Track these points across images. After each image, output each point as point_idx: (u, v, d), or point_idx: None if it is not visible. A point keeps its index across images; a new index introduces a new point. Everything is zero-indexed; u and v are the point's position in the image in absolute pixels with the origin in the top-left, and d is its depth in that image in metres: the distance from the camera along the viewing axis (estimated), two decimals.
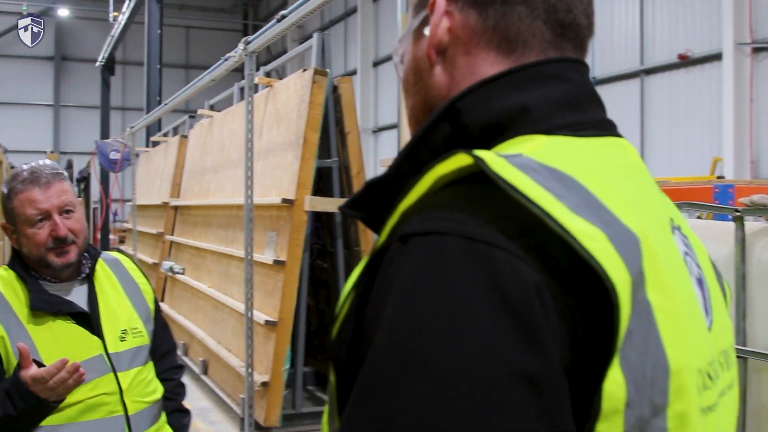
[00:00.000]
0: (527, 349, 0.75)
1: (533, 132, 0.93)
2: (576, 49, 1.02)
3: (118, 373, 2.50)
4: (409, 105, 1.10)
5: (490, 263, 0.78)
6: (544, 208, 0.80)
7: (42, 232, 2.47)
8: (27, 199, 2.47)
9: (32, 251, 2.49)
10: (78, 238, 2.52)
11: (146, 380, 2.60)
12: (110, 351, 2.51)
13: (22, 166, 2.57)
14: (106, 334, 2.52)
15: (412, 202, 0.89)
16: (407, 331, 0.77)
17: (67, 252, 2.49)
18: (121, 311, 2.61)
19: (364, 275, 0.88)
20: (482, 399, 0.73)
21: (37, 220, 2.47)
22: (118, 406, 2.48)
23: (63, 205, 2.50)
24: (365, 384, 0.79)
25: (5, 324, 2.41)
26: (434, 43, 1.02)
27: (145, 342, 2.63)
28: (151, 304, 2.75)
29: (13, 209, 2.50)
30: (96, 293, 2.58)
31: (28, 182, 2.49)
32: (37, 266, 2.52)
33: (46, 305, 2.46)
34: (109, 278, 2.67)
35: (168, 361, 2.83)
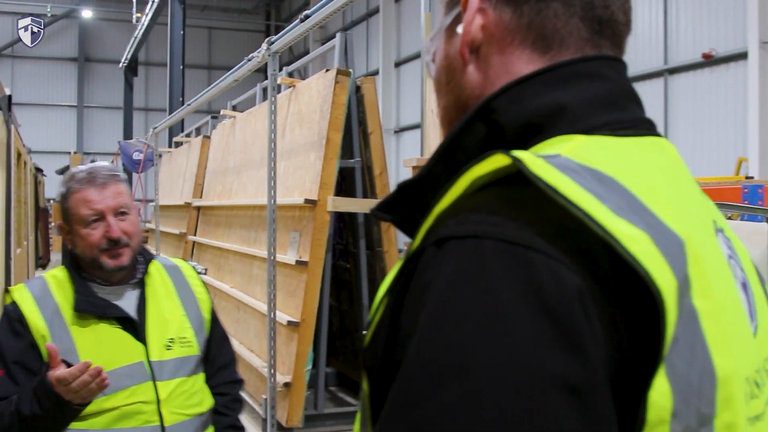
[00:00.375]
0: (569, 357, 0.72)
1: (571, 132, 0.90)
2: (613, 46, 0.99)
3: (158, 382, 2.44)
4: (441, 105, 1.07)
5: (529, 267, 0.75)
6: (585, 210, 0.77)
7: (96, 233, 2.44)
8: (82, 199, 2.45)
9: (85, 252, 2.46)
10: (132, 241, 2.48)
11: (190, 392, 2.52)
12: (152, 359, 2.46)
13: (80, 167, 2.56)
14: (150, 341, 2.48)
15: (448, 204, 0.86)
16: (443, 337, 0.75)
17: (120, 255, 2.46)
18: (172, 319, 2.56)
19: (398, 280, 0.85)
20: (523, 408, 0.70)
21: (91, 220, 2.44)
22: (154, 416, 2.42)
23: (118, 206, 2.47)
24: (400, 393, 0.76)
25: (49, 324, 2.40)
26: (467, 41, 0.99)
27: (193, 353, 2.56)
28: (207, 315, 2.68)
29: (69, 209, 2.48)
30: (146, 299, 2.54)
31: (85, 182, 2.47)
32: (90, 268, 2.49)
33: (92, 308, 2.44)
34: (164, 284, 2.62)
35: (225, 374, 2.75)
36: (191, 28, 26.14)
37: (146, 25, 25.33)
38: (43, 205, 23.84)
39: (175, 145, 17.44)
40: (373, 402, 0.87)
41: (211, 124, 13.51)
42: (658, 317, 0.75)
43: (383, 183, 7.47)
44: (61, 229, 2.54)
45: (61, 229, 2.55)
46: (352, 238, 7.79)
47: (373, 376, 0.87)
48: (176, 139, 17.08)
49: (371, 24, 28.03)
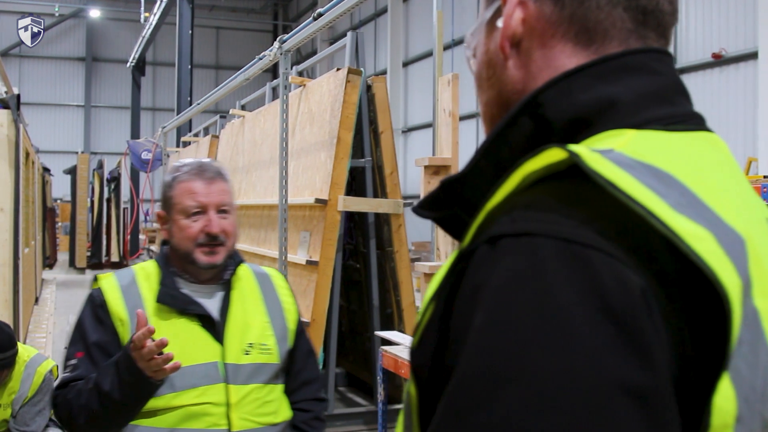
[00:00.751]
0: (634, 361, 0.69)
1: (621, 126, 0.86)
2: (659, 37, 0.96)
3: (231, 385, 2.41)
4: (482, 100, 1.04)
5: (589, 267, 0.72)
6: (647, 206, 0.73)
7: (195, 226, 2.44)
8: (188, 190, 2.46)
9: (181, 244, 2.46)
10: (228, 240, 2.48)
11: (264, 400, 2.48)
12: (228, 361, 2.43)
13: (188, 159, 2.58)
14: (228, 342, 2.45)
15: (499, 201, 0.83)
16: (500, 341, 0.72)
17: (216, 252, 2.45)
18: (255, 324, 2.52)
19: (448, 280, 0.82)
20: (586, 415, 0.67)
21: (192, 212, 2.45)
22: (222, 419, 2.39)
23: (221, 203, 2.47)
24: (454, 399, 0.73)
25: (130, 313, 2.41)
26: (508, 35, 0.96)
27: (272, 361, 2.52)
28: (292, 325, 2.63)
29: (172, 197, 2.49)
30: (231, 300, 2.52)
31: (193, 174, 2.48)
32: (182, 262, 2.49)
33: (173, 301, 2.44)
34: (252, 289, 2.59)
35: (308, 391, 2.69)
36: (199, 28, 26.17)
37: (154, 24, 25.32)
38: (50, 204, 23.93)
39: (183, 144, 17.44)
40: (422, 406, 0.84)
41: (219, 124, 13.50)
42: (724, 319, 0.72)
43: (394, 183, 7.45)
44: (160, 217, 2.55)
45: (159, 217, 2.55)
46: (362, 238, 7.77)
47: (421, 380, 0.84)
48: (184, 138, 17.08)
49: (379, 23, 28.03)
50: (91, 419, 2.34)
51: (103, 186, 25.15)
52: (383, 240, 7.55)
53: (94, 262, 24.63)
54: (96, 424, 2.36)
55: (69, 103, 37.58)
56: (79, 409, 2.33)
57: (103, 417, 2.33)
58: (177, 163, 2.56)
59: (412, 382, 0.86)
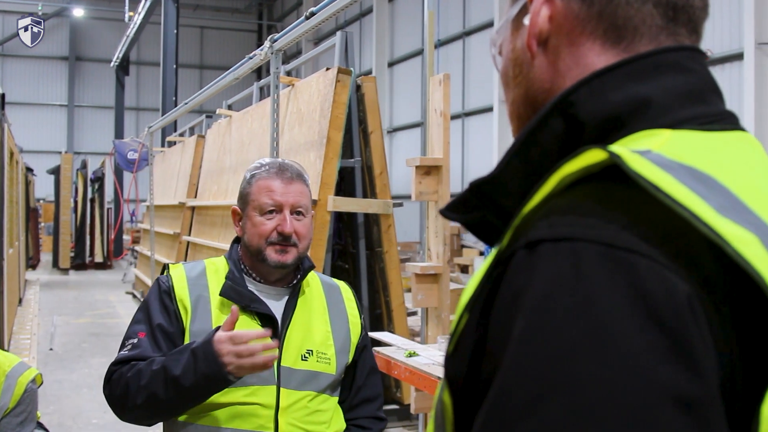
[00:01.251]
0: (682, 368, 0.67)
1: (656, 126, 0.84)
2: (690, 34, 0.94)
3: (282, 388, 2.39)
4: (509, 99, 1.02)
5: (633, 272, 0.70)
6: (692, 209, 0.71)
7: (269, 224, 2.44)
8: (266, 187, 2.46)
9: (253, 241, 2.45)
10: (300, 243, 2.45)
11: (315, 409, 2.44)
12: (283, 364, 2.40)
13: (269, 159, 2.59)
14: (287, 346, 2.42)
15: (536, 204, 0.81)
16: (543, 349, 0.69)
17: (287, 252, 2.43)
18: (317, 332, 2.50)
19: (484, 286, 0.80)
20: (634, 423, 0.65)
21: (268, 210, 2.44)
22: (269, 422, 2.35)
23: (297, 204, 2.47)
24: (495, 410, 0.71)
25: (194, 302, 2.43)
26: (535, 33, 0.94)
27: (329, 371, 2.48)
28: (354, 339, 2.59)
29: (249, 194, 2.49)
30: (296, 304, 2.50)
31: (274, 172, 2.48)
32: (253, 259, 2.48)
33: (237, 296, 2.43)
34: (319, 297, 2.58)
35: (370, 408, 2.63)
36: (183, 28, 26.07)
37: (138, 23, 25.25)
38: (33, 205, 23.79)
39: (168, 144, 17.37)
40: (457, 416, 0.82)
41: (205, 124, 13.45)
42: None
43: (383, 183, 7.43)
44: (234, 213, 2.56)
45: (234, 213, 2.56)
46: (351, 239, 7.74)
47: (456, 388, 0.82)
48: (170, 138, 17.01)
49: (364, 24, 28.02)
50: (149, 401, 2.29)
51: (87, 186, 25.07)
52: (372, 240, 7.53)
53: (78, 263, 24.53)
54: (153, 407, 2.32)
55: (52, 103, 37.39)
56: (139, 389, 2.29)
57: (164, 401, 2.29)
58: (260, 161, 2.57)
59: (446, 390, 0.84)
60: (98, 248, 25.06)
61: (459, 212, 0.93)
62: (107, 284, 20.56)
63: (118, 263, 26.01)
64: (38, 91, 37.11)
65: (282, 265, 2.44)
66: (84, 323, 13.92)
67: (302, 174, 2.53)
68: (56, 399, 8.47)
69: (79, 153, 33.52)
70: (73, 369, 10.00)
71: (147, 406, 2.31)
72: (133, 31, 26.07)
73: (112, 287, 19.75)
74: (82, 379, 9.47)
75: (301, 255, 2.48)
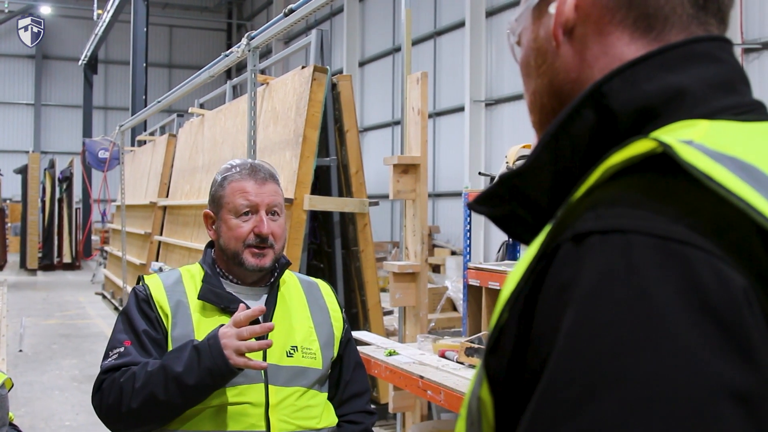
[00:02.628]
0: (739, 363, 0.65)
1: (692, 117, 0.83)
2: (719, 23, 0.92)
3: (270, 386, 2.38)
4: (530, 90, 1.00)
5: (687, 265, 0.68)
6: (748, 200, 0.70)
7: (245, 226, 2.42)
8: (240, 189, 2.44)
9: (230, 244, 2.43)
10: (277, 243, 2.45)
11: (305, 405, 2.44)
12: (269, 361, 2.38)
13: (240, 159, 2.57)
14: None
15: (580, 195, 0.79)
16: (596, 343, 0.68)
17: (264, 255, 2.43)
18: (300, 328, 2.50)
19: (527, 280, 0.78)
20: (690, 421, 0.63)
21: (243, 212, 2.43)
22: (261, 420, 2.34)
23: (273, 204, 2.46)
24: (546, 404, 0.69)
25: (174, 308, 2.41)
26: (561, 21, 0.92)
27: (315, 366, 2.48)
28: (338, 333, 2.60)
29: (223, 197, 2.47)
30: (276, 302, 2.49)
31: (246, 174, 2.47)
32: (229, 263, 2.47)
33: (215, 299, 2.42)
34: (298, 295, 2.58)
35: (359, 403, 2.64)
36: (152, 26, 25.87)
37: (107, 22, 24.99)
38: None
39: (138, 144, 17.23)
40: (499, 412, 0.79)
41: (177, 123, 13.35)
42: None
43: (359, 182, 7.41)
44: (206, 217, 2.53)
45: (206, 217, 2.53)
46: (327, 238, 7.71)
47: (497, 385, 0.80)
48: (140, 137, 16.88)
49: (335, 23, 27.94)
50: (147, 403, 2.26)
51: (55, 186, 24.81)
52: (348, 239, 7.51)
53: (46, 264, 24.29)
54: (150, 410, 2.28)
55: (19, 102, 36.92)
56: (134, 392, 2.26)
57: (163, 402, 2.26)
58: (230, 162, 2.55)
59: (485, 386, 0.81)
60: (66, 249, 24.83)
61: (488, 205, 0.91)
62: (76, 285, 20.38)
63: (87, 264, 25.78)
64: (4, 90, 36.65)
65: (260, 269, 2.44)
66: (53, 324, 13.78)
67: (274, 174, 2.53)
68: (27, 401, 8.37)
69: (47, 152, 33.16)
70: (43, 371, 9.88)
71: (144, 409, 2.27)
72: (101, 30, 25.80)
73: (81, 288, 19.58)
74: (53, 380, 9.36)
75: (278, 256, 2.48)
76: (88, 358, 10.62)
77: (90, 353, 10.92)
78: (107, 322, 13.62)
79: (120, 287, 14.34)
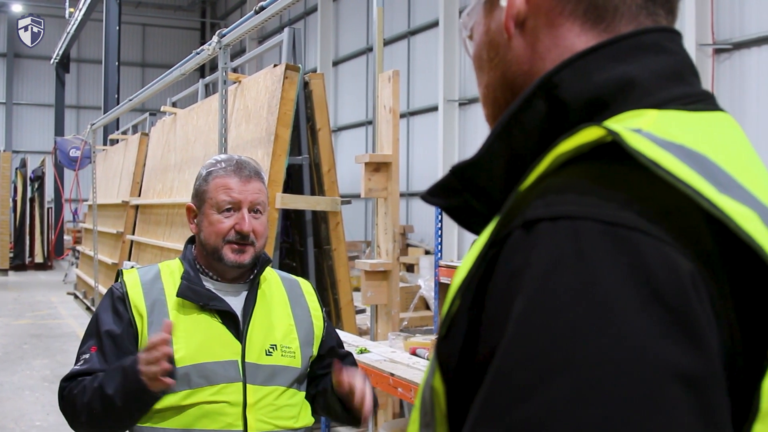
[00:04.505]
0: (687, 347, 0.66)
1: (642, 107, 0.84)
2: (667, 14, 0.93)
3: (248, 384, 2.36)
4: (483, 83, 1.00)
5: (635, 250, 0.69)
6: (695, 186, 0.71)
7: (227, 222, 2.41)
8: (224, 185, 2.43)
9: (210, 239, 2.43)
10: (257, 241, 2.44)
11: (283, 404, 2.43)
12: (248, 360, 2.37)
13: (225, 155, 2.56)
14: (250, 341, 2.40)
15: (530, 183, 0.79)
16: (545, 329, 0.68)
17: (244, 252, 2.42)
18: (280, 326, 2.48)
19: (478, 267, 0.79)
20: (639, 403, 0.64)
21: (226, 208, 2.42)
22: (238, 420, 2.33)
23: (256, 202, 2.45)
24: (496, 390, 0.70)
25: (150, 307, 2.39)
26: (512, 14, 0.93)
27: (294, 365, 2.46)
28: (318, 332, 2.57)
29: (206, 191, 2.45)
30: (256, 300, 2.47)
31: (231, 170, 2.46)
32: (209, 258, 2.45)
33: (194, 296, 2.40)
34: (279, 292, 2.56)
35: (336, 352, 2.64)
36: (125, 25, 25.70)
37: (79, 20, 24.79)
38: None
39: (110, 142, 17.12)
40: (451, 400, 0.80)
41: (149, 121, 13.28)
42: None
43: (331, 180, 7.41)
44: (189, 210, 2.52)
45: (188, 210, 2.52)
46: (299, 237, 7.70)
47: (449, 373, 0.80)
48: (112, 136, 16.77)
49: (309, 22, 27.90)
50: (91, 419, 2.29)
51: (27, 185, 24.60)
52: (320, 238, 7.50)
53: (17, 264, 24.08)
54: (96, 425, 2.32)
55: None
56: (82, 406, 2.28)
57: (103, 419, 2.28)
58: (216, 157, 2.54)
59: (437, 374, 0.82)
60: (38, 248, 24.63)
61: (440, 197, 0.91)
62: (48, 285, 20.21)
63: (59, 264, 25.58)
64: None
65: (239, 265, 2.43)
66: (25, 324, 13.65)
67: (259, 172, 2.52)
68: None
69: (18, 152, 32.81)
70: (14, 371, 9.80)
71: (90, 423, 2.32)
72: (73, 28, 25.59)
73: (53, 288, 19.42)
74: (24, 380, 9.28)
75: (258, 253, 2.47)
76: (59, 358, 10.54)
77: (61, 353, 10.84)
78: (79, 322, 13.53)
79: (92, 287, 14.25)
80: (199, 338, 2.32)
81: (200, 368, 2.28)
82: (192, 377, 2.30)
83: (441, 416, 0.81)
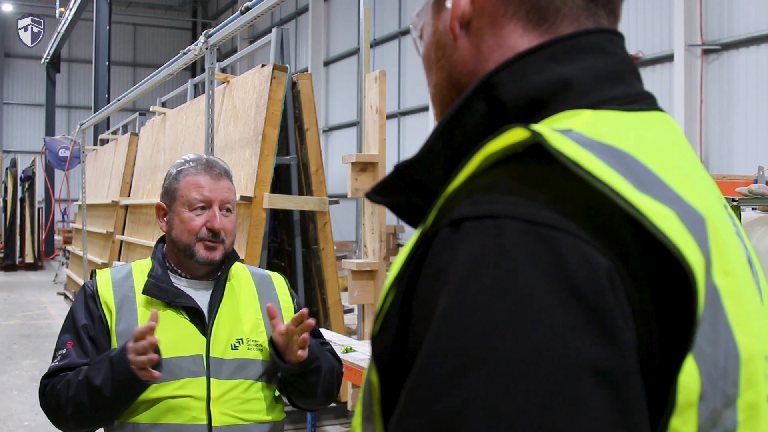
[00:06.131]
0: (601, 342, 0.69)
1: (577, 107, 0.86)
2: (609, 15, 0.96)
3: (213, 379, 2.38)
4: (431, 83, 1.03)
5: (554, 248, 0.71)
6: (612, 186, 0.73)
7: (198, 220, 2.44)
8: (195, 183, 2.46)
9: (182, 237, 2.45)
10: (227, 239, 2.48)
11: (250, 398, 2.43)
12: (212, 354, 2.40)
13: (194, 155, 2.59)
14: (215, 336, 2.42)
15: (460, 183, 0.82)
16: (465, 324, 0.71)
17: (215, 249, 2.45)
18: (246, 320, 2.50)
19: (408, 265, 0.81)
20: (554, 397, 0.67)
21: (197, 206, 2.45)
22: (202, 413, 2.35)
23: (226, 200, 2.48)
24: (419, 384, 0.73)
25: (119, 303, 2.43)
26: (457, 15, 0.95)
27: (262, 357, 2.47)
28: None
29: (177, 189, 2.47)
30: (223, 295, 2.50)
31: (201, 168, 2.48)
32: (180, 255, 2.48)
33: (159, 293, 2.43)
34: (248, 287, 2.58)
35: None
36: (115, 25, 25.65)
37: (70, 20, 24.73)
38: None
39: (100, 142, 17.09)
40: (384, 394, 0.82)
41: (139, 122, 13.27)
42: (690, 298, 0.72)
43: (319, 180, 7.43)
44: (159, 209, 2.53)
45: (158, 209, 2.53)
46: (287, 236, 7.72)
47: (382, 368, 0.83)
48: (102, 136, 16.74)
49: (300, 22, 27.90)
50: (78, 412, 2.31)
51: (17, 185, 24.54)
52: (308, 238, 7.52)
53: (8, 264, 24.03)
54: (83, 417, 2.34)
55: None
56: (68, 400, 2.31)
57: (90, 410, 2.31)
58: (183, 157, 2.57)
59: (373, 369, 0.84)
60: (29, 248, 24.58)
61: (384, 195, 0.93)
62: (38, 285, 20.17)
63: (49, 264, 25.53)
64: None
65: (210, 262, 2.46)
66: (14, 324, 13.64)
67: (228, 171, 2.56)
68: None
69: (9, 151, 32.75)
70: (3, 371, 9.79)
71: (77, 417, 2.33)
72: (64, 28, 25.54)
73: (43, 288, 19.38)
74: (12, 381, 9.28)
75: (228, 251, 2.50)
76: (49, 358, 10.44)
77: (50, 353, 10.72)
78: None
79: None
80: (164, 334, 2.33)
81: (165, 363, 2.30)
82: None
83: (377, 409, 0.83)
